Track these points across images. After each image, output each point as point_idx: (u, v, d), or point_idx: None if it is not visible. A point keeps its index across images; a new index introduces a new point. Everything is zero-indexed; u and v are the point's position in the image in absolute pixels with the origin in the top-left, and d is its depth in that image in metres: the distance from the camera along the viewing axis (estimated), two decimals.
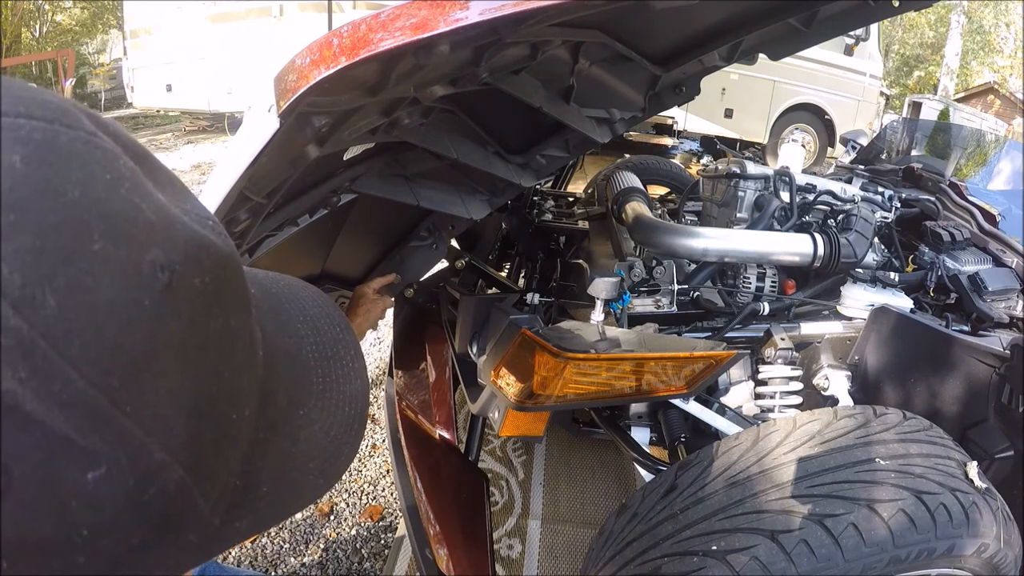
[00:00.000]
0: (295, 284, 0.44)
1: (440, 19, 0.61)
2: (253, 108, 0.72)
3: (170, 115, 11.53)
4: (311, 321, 0.42)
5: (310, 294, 0.44)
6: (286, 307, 0.41)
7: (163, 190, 0.28)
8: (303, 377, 0.39)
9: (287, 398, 0.37)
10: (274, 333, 0.38)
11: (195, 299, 0.27)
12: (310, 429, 0.38)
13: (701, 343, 1.41)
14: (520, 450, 2.40)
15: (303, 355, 0.40)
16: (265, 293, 0.41)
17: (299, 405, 0.38)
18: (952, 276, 1.75)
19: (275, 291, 0.42)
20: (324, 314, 0.43)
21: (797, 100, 8.08)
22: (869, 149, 2.82)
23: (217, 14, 8.46)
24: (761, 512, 0.96)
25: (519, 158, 1.46)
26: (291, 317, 0.41)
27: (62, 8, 15.17)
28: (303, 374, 0.39)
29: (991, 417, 1.36)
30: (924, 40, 20.08)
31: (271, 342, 0.36)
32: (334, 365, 0.41)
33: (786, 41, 1.31)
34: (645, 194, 2.18)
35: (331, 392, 0.40)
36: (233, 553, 1.94)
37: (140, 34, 8.96)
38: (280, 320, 0.40)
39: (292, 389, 0.38)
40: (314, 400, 0.39)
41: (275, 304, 0.41)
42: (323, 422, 0.39)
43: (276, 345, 0.37)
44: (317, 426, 0.38)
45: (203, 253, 0.28)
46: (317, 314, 0.43)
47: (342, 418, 0.40)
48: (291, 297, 0.43)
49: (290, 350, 0.39)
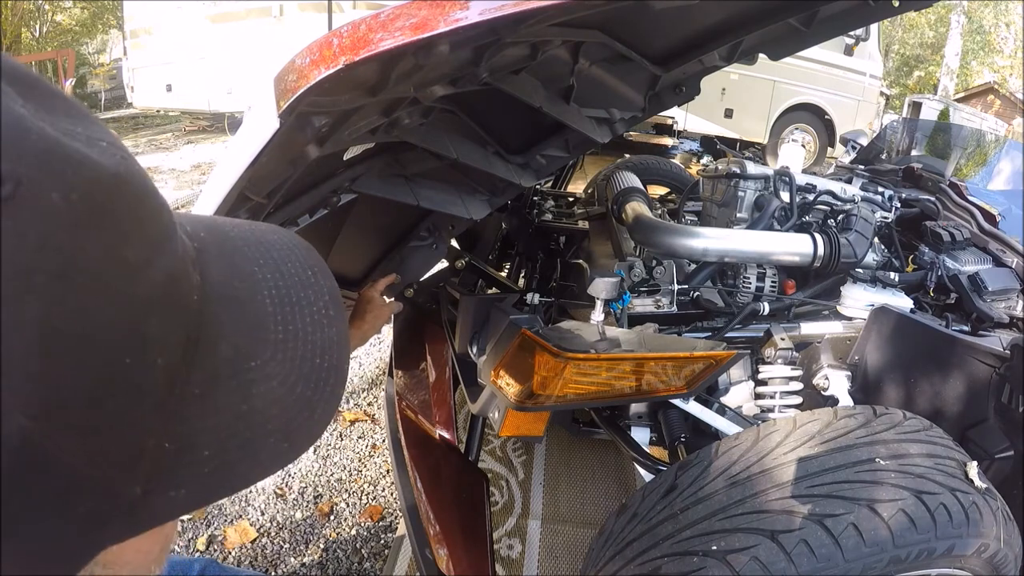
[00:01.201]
0: (262, 228, 0.41)
1: (440, 19, 0.61)
2: (253, 108, 0.72)
3: (170, 115, 11.53)
4: (275, 264, 0.38)
5: (279, 238, 0.40)
6: (243, 250, 0.37)
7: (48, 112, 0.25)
8: (256, 325, 0.34)
9: (232, 348, 0.33)
10: (221, 277, 0.34)
11: (51, 217, 0.23)
12: (267, 384, 0.33)
13: (701, 343, 1.41)
14: (520, 450, 2.40)
15: (257, 301, 0.35)
16: (217, 236, 0.37)
17: (250, 356, 0.33)
18: (952, 276, 1.75)
19: (233, 234, 0.38)
20: (292, 257, 0.39)
21: (797, 100, 8.08)
22: (869, 149, 2.82)
23: (217, 14, 8.46)
24: (761, 512, 0.96)
25: (519, 158, 1.46)
26: (248, 260, 0.37)
27: (62, 8, 15.16)
28: (256, 322, 0.35)
29: (991, 417, 1.36)
30: (924, 40, 20.08)
31: (214, 287, 0.33)
32: (300, 311, 0.36)
33: (786, 41, 1.31)
34: (645, 194, 2.18)
35: (295, 341, 0.35)
36: (233, 553, 1.94)
37: (140, 34, 8.96)
38: (232, 263, 0.36)
39: (240, 338, 0.33)
40: (271, 351, 0.34)
41: (229, 247, 0.37)
42: (284, 376, 0.34)
43: (221, 291, 0.33)
44: (276, 381, 0.34)
45: (71, 169, 0.24)
46: (284, 257, 0.39)
47: (311, 371, 0.35)
48: (253, 240, 0.39)
49: (240, 296, 0.35)
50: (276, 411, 0.33)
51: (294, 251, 0.40)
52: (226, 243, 0.37)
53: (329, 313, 0.38)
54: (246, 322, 0.34)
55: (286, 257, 0.39)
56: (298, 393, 0.34)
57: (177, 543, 1.98)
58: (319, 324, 0.37)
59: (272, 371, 0.34)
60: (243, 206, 0.90)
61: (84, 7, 15.33)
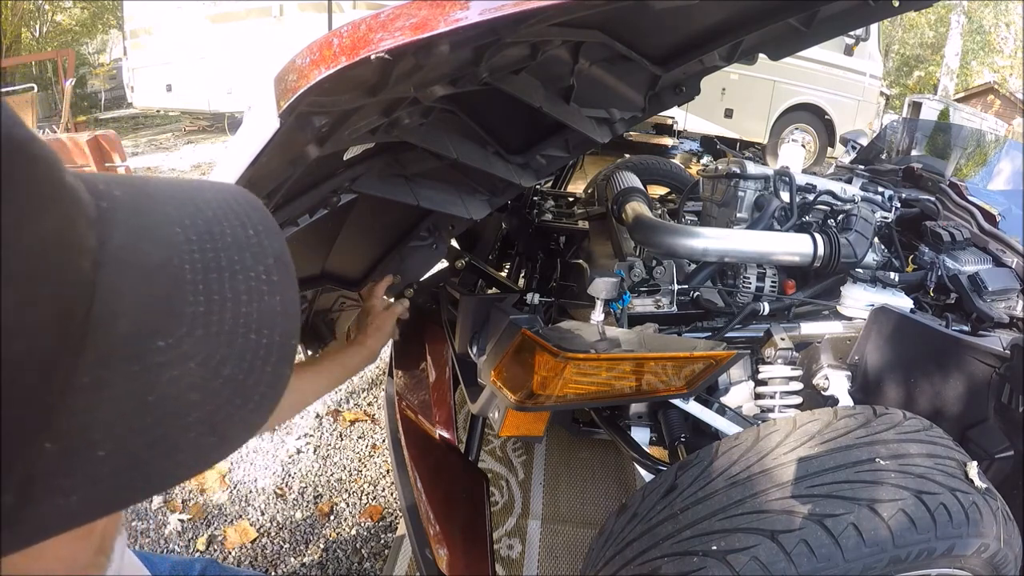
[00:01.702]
0: (200, 185, 0.35)
1: (440, 19, 0.61)
2: (253, 108, 0.72)
3: (170, 115, 11.54)
4: (204, 224, 0.32)
5: (218, 194, 0.34)
6: (165, 209, 0.32)
7: None
8: (168, 296, 0.29)
9: (134, 324, 0.27)
10: (126, 241, 0.29)
11: None
12: (181, 366, 0.28)
13: (701, 343, 1.41)
14: (520, 450, 2.40)
15: (172, 266, 0.29)
16: (135, 194, 0.31)
17: (157, 333, 0.28)
18: (952, 276, 1.75)
19: (157, 193, 0.33)
20: (230, 215, 0.33)
21: (797, 100, 8.09)
22: (869, 149, 2.82)
23: (217, 14, 8.47)
24: (761, 512, 0.96)
25: (519, 158, 1.46)
26: (168, 220, 0.31)
27: (62, 8, 15.18)
28: (168, 292, 0.29)
29: (991, 417, 1.36)
30: (924, 40, 20.08)
31: (115, 252, 0.28)
32: (231, 278, 0.31)
33: (786, 41, 1.31)
34: (645, 194, 2.18)
35: (220, 313, 0.29)
36: (233, 553, 1.94)
37: (140, 34, 8.97)
38: (146, 224, 0.30)
39: (145, 312, 0.28)
40: (187, 326, 0.28)
41: (147, 206, 0.31)
42: (206, 355, 0.29)
43: (124, 256, 0.28)
44: (194, 362, 0.28)
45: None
46: (219, 215, 0.33)
47: (244, 348, 0.30)
48: (182, 198, 0.33)
49: (150, 261, 0.29)
50: (196, 398, 0.28)
51: (234, 208, 0.34)
52: (144, 202, 0.31)
53: (272, 279, 0.32)
54: (154, 293, 0.28)
55: (222, 216, 0.33)
56: (226, 376, 0.29)
57: (177, 543, 1.98)
58: (257, 293, 0.31)
59: (188, 350, 0.28)
60: None
61: (84, 7, 15.34)
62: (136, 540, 1.99)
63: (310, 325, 1.88)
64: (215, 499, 2.16)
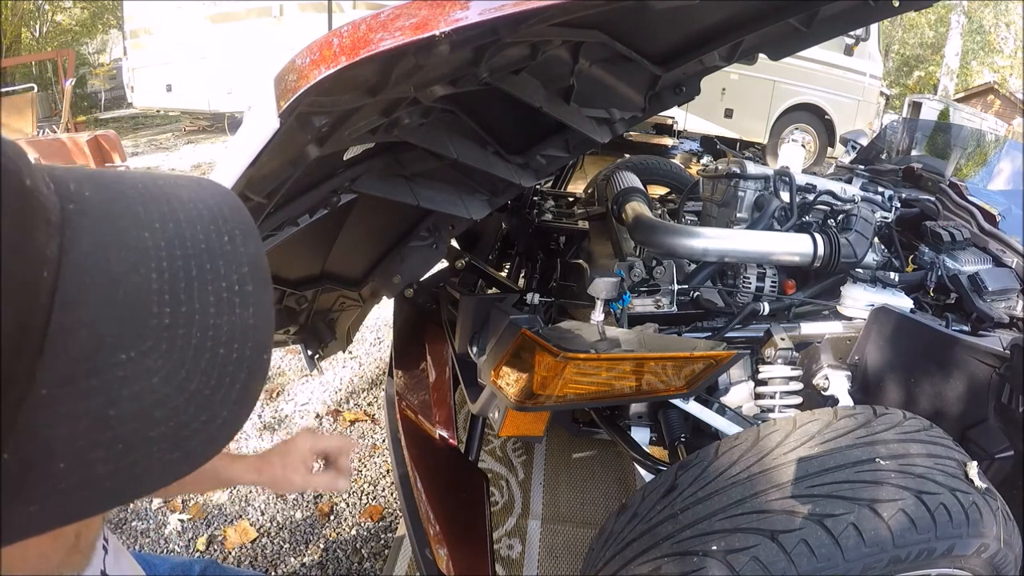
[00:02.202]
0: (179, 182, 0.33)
1: (440, 19, 0.61)
2: (253, 108, 0.72)
3: (170, 115, 11.53)
4: (176, 228, 0.30)
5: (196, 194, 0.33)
6: (136, 211, 0.30)
7: None
8: (132, 306, 0.28)
9: (94, 338, 0.26)
10: (92, 247, 0.28)
11: None
12: (144, 382, 0.27)
13: (701, 343, 1.41)
14: (520, 450, 2.40)
15: (139, 275, 0.28)
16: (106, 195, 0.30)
17: (119, 347, 0.27)
18: (952, 276, 1.75)
19: (131, 192, 0.31)
20: (206, 218, 0.31)
21: (797, 100, 8.08)
22: (869, 149, 2.82)
23: (217, 14, 8.46)
24: (761, 512, 0.96)
25: (519, 158, 1.46)
26: (138, 224, 0.29)
27: (62, 8, 15.17)
28: (133, 302, 0.28)
29: (991, 417, 1.36)
30: (924, 40, 20.07)
31: (79, 259, 0.27)
32: (200, 288, 0.29)
33: (786, 41, 1.31)
34: (645, 194, 2.18)
35: (188, 327, 0.28)
36: (233, 553, 1.94)
37: (140, 34, 8.97)
38: (116, 228, 0.29)
39: (106, 324, 0.27)
40: (152, 340, 0.27)
41: (119, 208, 0.30)
42: (170, 371, 0.28)
43: (88, 263, 0.27)
44: (158, 377, 0.27)
45: None
46: (193, 218, 0.31)
47: (211, 364, 0.29)
48: (157, 197, 0.31)
49: (114, 269, 0.28)
50: (160, 415, 0.27)
51: (211, 210, 0.32)
52: (116, 203, 0.30)
53: (245, 290, 0.30)
54: (117, 304, 0.27)
55: (196, 218, 0.31)
56: (191, 391, 0.28)
57: (177, 543, 1.98)
58: (227, 304, 0.30)
59: (152, 365, 0.27)
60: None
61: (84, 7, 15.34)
62: (136, 540, 1.99)
63: (310, 325, 1.88)
64: (215, 499, 2.16)
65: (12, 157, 0.26)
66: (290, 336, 1.88)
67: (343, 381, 2.94)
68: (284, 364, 3.05)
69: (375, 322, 3.41)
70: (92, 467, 0.26)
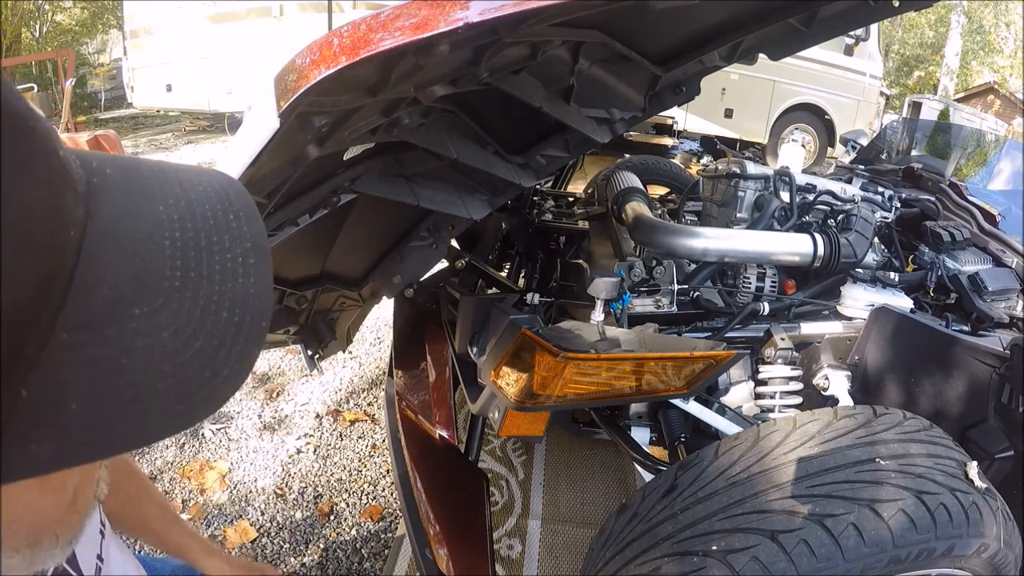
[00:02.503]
0: (188, 169, 0.37)
1: (440, 19, 0.61)
2: (253, 108, 0.72)
3: (170, 115, 11.54)
4: (188, 205, 0.34)
5: (205, 178, 0.36)
6: (152, 188, 0.34)
7: None
8: (147, 269, 0.31)
9: (113, 292, 0.29)
10: (113, 215, 0.31)
11: None
12: (156, 336, 0.29)
13: (701, 343, 1.41)
14: (520, 450, 2.40)
15: (154, 242, 0.31)
16: (126, 173, 0.34)
17: (135, 302, 0.30)
18: (952, 276, 1.75)
19: (148, 173, 0.35)
20: (214, 198, 0.35)
21: (797, 100, 8.09)
22: (869, 149, 2.82)
23: (217, 14, 8.47)
24: (761, 512, 0.96)
25: (519, 158, 1.46)
26: (154, 199, 0.33)
27: (62, 8, 15.18)
28: (148, 265, 0.31)
29: (991, 417, 1.36)
30: (924, 40, 20.08)
31: (102, 224, 0.30)
32: (208, 257, 0.32)
33: (786, 41, 1.31)
34: (645, 194, 2.18)
35: (195, 290, 0.31)
36: (233, 553, 1.94)
37: (140, 34, 8.97)
38: (134, 202, 0.32)
39: (125, 282, 0.30)
40: (163, 299, 0.30)
41: (137, 185, 0.33)
42: (178, 328, 0.30)
43: (110, 229, 0.30)
44: (167, 332, 0.30)
45: None
46: (203, 198, 0.35)
47: (215, 325, 0.31)
48: (170, 179, 0.35)
49: (133, 235, 0.31)
50: (168, 368, 0.30)
51: (218, 193, 0.36)
52: (135, 181, 0.34)
53: (248, 262, 0.34)
54: (134, 265, 0.30)
55: (205, 198, 0.35)
56: (196, 349, 0.31)
57: None
58: (231, 273, 0.33)
59: (163, 321, 0.30)
60: None
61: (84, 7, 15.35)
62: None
63: (310, 325, 1.88)
64: (215, 499, 2.16)
65: (46, 130, 0.29)
66: (290, 336, 1.88)
67: (343, 381, 2.94)
68: (284, 364, 3.05)
69: (375, 322, 3.41)
70: (103, 411, 0.28)
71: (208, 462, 2.34)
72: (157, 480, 2.24)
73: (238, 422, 2.60)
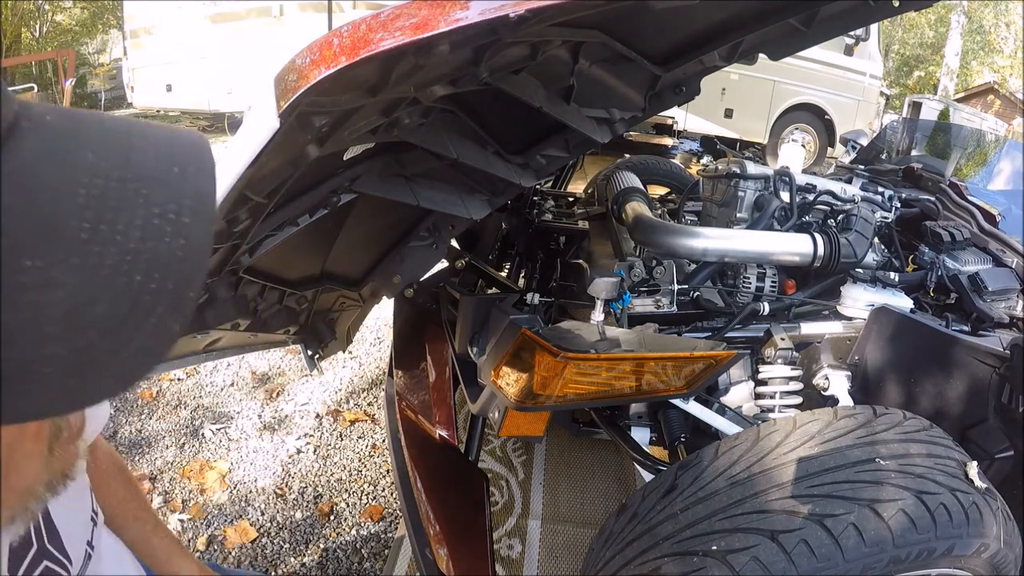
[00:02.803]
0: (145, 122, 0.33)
1: (440, 19, 0.61)
2: (253, 108, 0.72)
3: (170, 115, 11.53)
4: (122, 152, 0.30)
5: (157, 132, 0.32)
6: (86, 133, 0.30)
7: None
8: (49, 216, 0.26)
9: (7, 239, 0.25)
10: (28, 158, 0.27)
11: None
12: (50, 293, 0.26)
13: (701, 343, 1.41)
14: (520, 450, 2.40)
15: (65, 189, 0.27)
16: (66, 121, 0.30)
17: (26, 252, 0.26)
18: (952, 276, 1.75)
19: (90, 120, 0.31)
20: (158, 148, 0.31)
21: (797, 100, 8.09)
22: (869, 149, 2.82)
23: (217, 14, 8.47)
24: (761, 512, 0.96)
25: (519, 158, 1.46)
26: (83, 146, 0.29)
27: (62, 8, 15.19)
28: (50, 213, 0.27)
29: (991, 417, 1.36)
30: (924, 40, 20.08)
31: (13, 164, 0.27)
32: (130, 211, 0.28)
33: (786, 41, 1.31)
34: (645, 194, 2.19)
35: (103, 247, 0.27)
36: (233, 553, 1.94)
37: (140, 34, 8.97)
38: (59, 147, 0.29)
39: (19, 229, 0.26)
40: (64, 252, 0.26)
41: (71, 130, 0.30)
42: (78, 287, 0.26)
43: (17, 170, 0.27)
44: (63, 291, 0.26)
45: None
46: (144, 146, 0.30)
47: (125, 289, 0.27)
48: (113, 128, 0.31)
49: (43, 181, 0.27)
50: (58, 331, 0.26)
51: (169, 143, 0.31)
52: (71, 126, 0.30)
53: (181, 220, 0.29)
54: (35, 211, 0.26)
55: (151, 148, 0.30)
56: (97, 315, 0.26)
57: None
58: (157, 231, 0.28)
59: (58, 277, 0.26)
60: (243, 206, 0.90)
61: (84, 7, 15.35)
62: None
63: (310, 325, 1.88)
64: (215, 499, 2.16)
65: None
66: (290, 336, 1.88)
67: (343, 381, 2.94)
68: (284, 364, 3.05)
69: (375, 322, 3.41)
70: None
71: (208, 462, 2.34)
72: (157, 480, 2.24)
73: (238, 422, 2.60)
